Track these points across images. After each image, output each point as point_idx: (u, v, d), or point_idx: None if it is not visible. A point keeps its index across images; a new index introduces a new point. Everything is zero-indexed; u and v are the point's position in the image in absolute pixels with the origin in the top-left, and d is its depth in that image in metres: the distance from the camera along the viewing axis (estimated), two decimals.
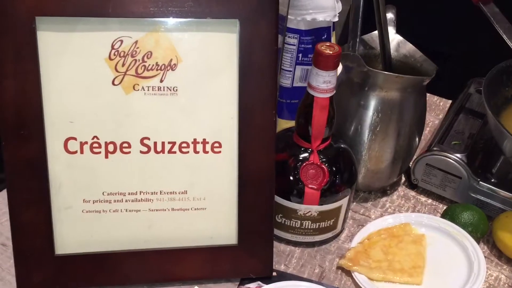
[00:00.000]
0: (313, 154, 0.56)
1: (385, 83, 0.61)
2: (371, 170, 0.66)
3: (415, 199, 0.69)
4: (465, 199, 0.66)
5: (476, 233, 0.61)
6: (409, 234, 0.61)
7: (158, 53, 0.50)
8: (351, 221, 0.65)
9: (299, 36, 0.69)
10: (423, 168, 0.68)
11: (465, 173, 0.65)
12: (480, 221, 0.61)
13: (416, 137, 0.67)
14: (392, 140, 0.64)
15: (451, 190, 0.67)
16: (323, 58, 0.52)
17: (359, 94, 0.62)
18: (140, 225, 0.53)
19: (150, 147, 0.51)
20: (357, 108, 0.63)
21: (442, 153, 0.66)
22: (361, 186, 0.68)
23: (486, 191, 0.65)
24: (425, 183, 0.69)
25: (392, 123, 0.63)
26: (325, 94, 0.53)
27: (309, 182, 0.56)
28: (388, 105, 0.62)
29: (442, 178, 0.67)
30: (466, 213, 0.61)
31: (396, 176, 0.69)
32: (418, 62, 0.65)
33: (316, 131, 0.55)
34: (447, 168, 0.66)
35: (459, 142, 0.68)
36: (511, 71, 0.72)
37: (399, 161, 0.67)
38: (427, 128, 0.81)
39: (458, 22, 1.07)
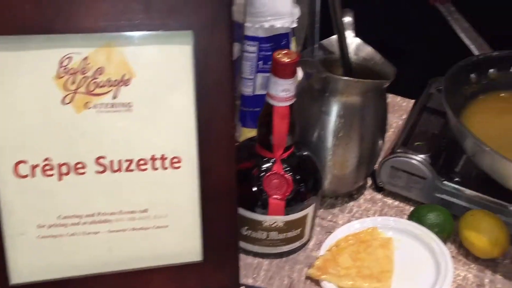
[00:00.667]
0: (276, 164, 0.56)
1: (345, 88, 0.60)
2: (336, 175, 0.66)
3: (382, 202, 0.69)
4: (431, 199, 0.67)
5: (442, 233, 0.61)
6: (377, 238, 0.61)
7: (110, 68, 0.48)
8: (319, 228, 0.64)
9: (258, 44, 0.68)
10: (388, 171, 0.68)
11: (429, 174, 0.65)
12: (446, 221, 0.61)
13: (379, 140, 0.67)
14: (356, 144, 0.64)
15: (416, 191, 0.67)
16: (281, 66, 0.51)
17: (320, 100, 0.62)
18: (100, 247, 0.50)
19: (106, 166, 0.49)
20: (319, 114, 0.62)
21: (405, 155, 0.66)
22: (327, 192, 0.68)
23: (450, 191, 0.65)
24: (391, 186, 0.69)
25: (354, 127, 0.63)
26: (285, 102, 0.53)
27: (273, 193, 0.55)
28: (350, 109, 0.62)
29: (407, 180, 0.67)
30: (432, 214, 0.62)
31: (362, 180, 0.69)
32: (378, 64, 0.65)
33: (277, 141, 0.54)
34: (411, 169, 0.66)
35: (422, 142, 0.68)
36: (469, 69, 0.73)
37: (364, 165, 0.67)
38: (391, 130, 0.81)
39: (420, 20, 1.08)
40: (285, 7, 0.67)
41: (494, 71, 0.75)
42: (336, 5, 0.62)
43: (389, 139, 0.74)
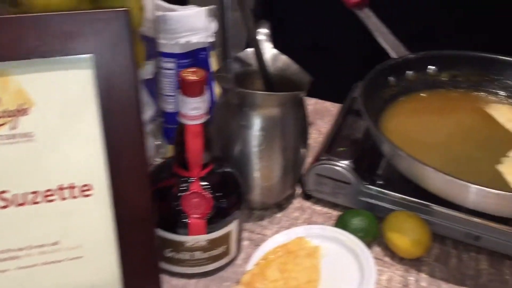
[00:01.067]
0: (194, 183, 0.55)
1: (263, 102, 0.60)
2: (263, 187, 0.66)
3: (310, 209, 0.70)
4: (357, 203, 0.68)
5: (367, 237, 0.62)
6: (304, 247, 0.61)
7: (6, 98, 0.46)
8: (248, 242, 0.64)
9: (176, 60, 0.68)
10: (313, 178, 0.68)
11: (352, 179, 0.66)
12: (370, 225, 0.62)
13: (302, 148, 0.67)
14: (279, 155, 0.64)
15: (342, 197, 0.68)
16: (188, 84, 0.50)
17: (239, 114, 0.61)
18: (10, 286, 0.48)
19: (9, 200, 0.47)
20: (239, 129, 0.62)
21: (329, 162, 0.67)
22: (256, 204, 0.68)
23: (374, 194, 0.66)
24: (318, 193, 0.69)
25: (276, 138, 0.63)
26: (196, 120, 0.52)
27: (193, 212, 0.54)
28: (270, 122, 0.62)
29: (332, 186, 0.68)
30: (356, 219, 0.62)
31: (289, 189, 0.69)
32: (294, 73, 0.65)
33: (193, 159, 0.54)
34: (335, 175, 0.67)
35: (345, 148, 0.69)
36: (387, 73, 0.75)
37: (290, 174, 0.67)
38: (321, 136, 0.82)
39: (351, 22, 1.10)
40: (200, 22, 0.67)
41: (412, 72, 0.77)
42: (248, 19, 0.62)
43: (317, 145, 0.75)
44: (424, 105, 0.77)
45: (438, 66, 0.78)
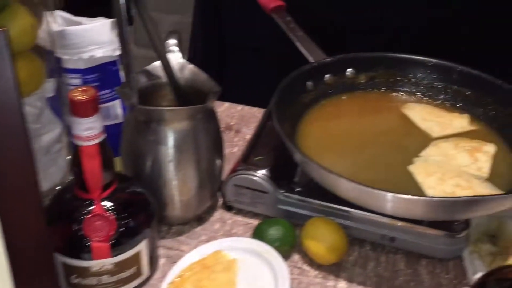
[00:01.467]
0: (95, 205, 0.53)
1: (169, 116, 0.59)
2: (179, 202, 0.64)
3: (231, 220, 0.69)
4: (277, 212, 0.67)
5: (284, 246, 0.61)
6: (221, 262, 0.60)
7: None
8: (164, 260, 0.63)
9: (81, 75, 0.65)
10: (232, 189, 0.67)
11: (269, 188, 0.66)
12: (286, 234, 0.62)
13: (217, 159, 0.66)
14: (193, 168, 0.63)
15: (261, 206, 0.67)
16: (78, 105, 0.48)
17: (147, 130, 0.60)
18: None
19: None
20: (149, 145, 0.60)
21: (246, 172, 0.66)
22: (173, 219, 0.66)
23: (292, 201, 0.66)
24: (237, 203, 0.68)
25: (188, 152, 0.62)
26: (91, 141, 0.50)
27: (95, 236, 0.52)
28: (180, 135, 0.60)
29: (251, 196, 0.67)
30: (272, 229, 0.62)
31: (208, 201, 0.68)
32: (203, 83, 0.64)
33: (92, 181, 0.52)
34: (252, 185, 0.66)
35: (262, 157, 0.68)
36: (304, 78, 0.75)
37: (207, 186, 0.66)
38: (246, 144, 0.81)
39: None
40: (105, 35, 0.64)
41: (330, 76, 0.77)
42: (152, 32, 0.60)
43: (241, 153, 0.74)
44: (344, 108, 0.77)
45: (356, 68, 0.78)
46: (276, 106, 0.65)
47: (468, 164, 0.65)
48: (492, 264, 0.63)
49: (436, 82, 0.77)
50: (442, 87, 0.77)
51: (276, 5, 0.83)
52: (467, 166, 0.64)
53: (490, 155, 0.66)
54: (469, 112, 0.74)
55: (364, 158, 0.67)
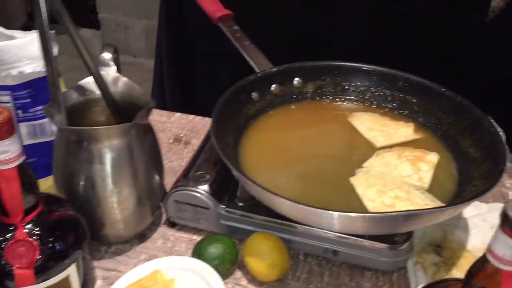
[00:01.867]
0: (17, 230, 0.50)
1: (99, 135, 0.57)
2: (116, 220, 0.62)
3: (174, 237, 0.67)
4: (219, 228, 0.66)
5: (224, 264, 0.60)
6: (158, 282, 0.58)
7: None
8: (101, 282, 0.60)
9: (11, 92, 0.63)
10: (173, 205, 0.66)
11: (210, 203, 0.64)
12: (226, 251, 0.60)
13: (156, 174, 0.64)
14: (129, 185, 0.61)
15: (204, 222, 0.66)
16: None
17: (79, 150, 0.58)
18: None
19: None
20: (81, 164, 0.58)
21: (186, 188, 0.64)
22: (112, 239, 0.64)
23: (235, 217, 0.65)
24: (180, 219, 0.67)
25: (123, 169, 0.60)
26: (7, 165, 0.48)
27: (17, 262, 0.50)
28: (113, 153, 0.58)
29: (193, 212, 0.65)
30: (211, 247, 0.60)
31: (149, 218, 0.66)
32: (138, 97, 0.62)
33: (12, 206, 0.49)
34: (193, 201, 0.64)
35: (204, 171, 0.67)
36: (249, 89, 0.74)
37: (146, 203, 0.64)
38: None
39: None
40: (34, 50, 0.62)
41: (277, 86, 0.76)
42: (81, 46, 0.58)
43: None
44: (291, 118, 0.76)
45: (302, 77, 0.77)
46: (215, 120, 0.64)
47: (409, 174, 0.64)
48: (435, 275, 0.63)
49: (383, 90, 0.77)
50: (389, 95, 0.77)
51: (223, 14, 0.82)
52: (408, 177, 0.64)
53: (432, 164, 0.66)
54: (415, 120, 0.74)
55: (306, 171, 0.66)
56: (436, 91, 0.72)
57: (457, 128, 0.69)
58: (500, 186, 0.78)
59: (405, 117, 0.75)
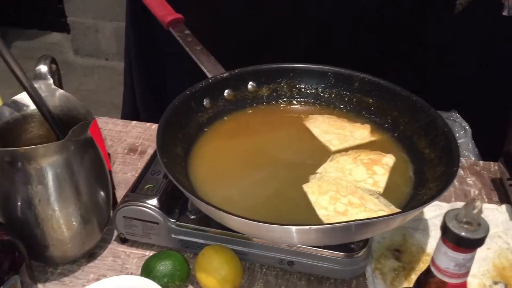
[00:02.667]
0: None
1: (34, 154, 0.54)
2: (61, 240, 0.59)
3: (125, 254, 0.64)
4: (171, 242, 0.63)
5: (174, 281, 0.58)
6: None
7: None
8: None
9: None
10: (122, 221, 0.63)
11: (160, 218, 0.61)
12: (176, 268, 0.58)
13: (101, 190, 0.61)
14: (71, 203, 0.58)
15: (155, 237, 0.63)
16: None
17: (13, 172, 0.55)
18: None
19: None
20: (16, 186, 0.55)
21: (134, 203, 0.61)
22: (58, 260, 0.61)
23: (186, 231, 0.62)
24: (130, 235, 0.64)
25: (62, 187, 0.57)
26: None
27: None
28: (51, 171, 0.55)
29: (143, 227, 0.63)
30: (160, 264, 0.58)
31: (98, 235, 0.63)
32: (77, 110, 0.59)
33: None
34: (142, 216, 0.62)
35: (152, 185, 0.64)
36: (200, 95, 0.71)
37: (93, 220, 0.61)
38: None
39: None
40: None
41: (230, 91, 0.74)
42: (11, 61, 0.55)
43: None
44: (246, 124, 0.74)
45: (257, 81, 0.75)
46: (161, 131, 0.61)
47: (364, 179, 0.62)
48: (394, 282, 0.61)
49: (340, 91, 0.75)
50: (346, 96, 0.75)
51: (173, 18, 0.79)
52: (363, 181, 0.62)
53: (388, 167, 0.64)
54: (372, 121, 0.72)
55: (260, 179, 0.64)
56: (392, 90, 0.71)
57: (413, 128, 0.68)
58: (463, 184, 0.77)
59: (363, 118, 0.73)
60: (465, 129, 1.04)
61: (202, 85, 0.71)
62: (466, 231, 0.37)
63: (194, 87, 0.70)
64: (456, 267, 0.38)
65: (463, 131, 1.03)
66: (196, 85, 0.71)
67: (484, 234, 0.37)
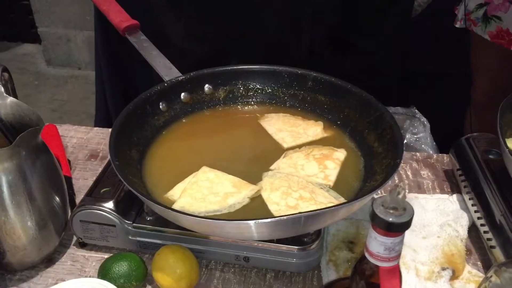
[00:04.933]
0: None
1: None
2: (17, 246, 0.60)
3: (84, 258, 0.65)
4: (129, 244, 0.64)
5: (130, 282, 0.59)
6: None
7: None
8: None
9: None
10: (79, 225, 0.64)
11: (116, 220, 0.62)
12: (131, 268, 0.59)
13: (57, 194, 0.62)
14: (26, 208, 0.59)
15: (113, 240, 0.64)
16: None
17: None
18: None
19: None
20: None
21: (89, 207, 0.62)
22: (16, 266, 0.62)
23: (143, 232, 0.63)
24: (89, 239, 0.65)
25: (15, 192, 0.57)
26: None
27: None
28: (5, 177, 0.56)
29: (100, 230, 0.64)
30: (116, 266, 0.59)
31: (55, 240, 0.64)
32: (28, 115, 0.60)
33: None
34: (98, 220, 0.63)
35: (108, 188, 0.65)
36: (156, 99, 0.72)
37: (49, 225, 0.62)
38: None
39: None
40: None
41: (186, 94, 0.75)
42: None
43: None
44: (204, 125, 0.75)
45: (213, 84, 0.77)
46: (114, 135, 0.62)
47: (316, 173, 0.64)
48: (347, 272, 0.63)
49: (294, 90, 0.77)
50: (300, 95, 0.77)
51: (129, 24, 0.80)
52: (314, 176, 0.64)
53: (339, 162, 0.66)
54: (326, 118, 0.74)
55: None
56: (343, 88, 0.73)
57: (363, 123, 0.70)
58: (416, 176, 0.80)
59: (316, 115, 0.75)
60: (424, 124, 1.07)
61: (157, 89, 0.72)
62: (392, 216, 0.39)
63: (149, 91, 0.72)
64: (386, 251, 0.40)
65: (422, 126, 1.07)
66: (152, 89, 0.72)
67: (409, 218, 0.39)
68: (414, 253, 0.64)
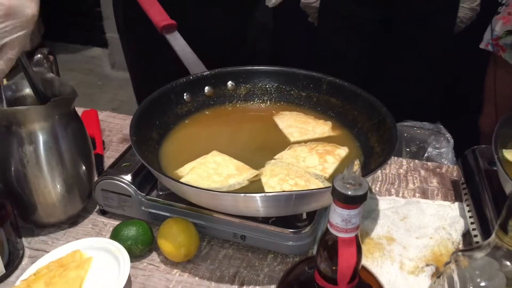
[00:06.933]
0: None
1: (26, 117, 0.63)
2: (45, 204, 0.68)
3: (103, 223, 0.73)
4: (142, 214, 0.71)
5: (137, 245, 0.66)
6: (76, 260, 0.64)
7: None
8: (28, 259, 0.67)
9: None
10: (101, 194, 0.72)
11: (132, 191, 0.70)
12: (139, 233, 0.66)
13: (84, 162, 0.71)
14: (57, 168, 0.67)
15: (128, 209, 0.72)
16: None
17: (8, 133, 0.64)
18: None
19: None
20: (10, 148, 0.65)
21: (111, 177, 0.70)
22: (43, 222, 0.70)
23: (155, 204, 0.70)
24: (108, 207, 0.73)
25: (50, 150, 0.66)
26: None
27: None
28: (40, 135, 0.65)
29: (118, 200, 0.71)
30: (127, 229, 0.66)
31: (79, 204, 0.72)
32: (65, 88, 0.69)
33: None
34: (117, 189, 0.70)
35: (129, 163, 0.73)
36: (180, 90, 0.80)
37: (74, 190, 0.70)
38: None
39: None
40: None
41: (210, 88, 0.82)
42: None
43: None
44: (223, 117, 0.82)
45: (235, 81, 0.84)
46: (137, 115, 0.70)
47: (315, 165, 0.69)
48: None
49: (309, 92, 0.82)
50: (315, 96, 0.82)
51: (167, 23, 0.89)
52: (313, 167, 0.69)
53: (339, 158, 0.70)
54: (335, 119, 0.79)
55: None
56: (354, 92, 0.78)
57: (368, 125, 0.74)
58: (423, 183, 0.82)
59: (327, 116, 0.80)
60: (447, 139, 1.08)
61: (183, 81, 0.80)
62: (349, 190, 0.43)
63: (175, 82, 0.80)
64: (343, 222, 0.45)
65: (446, 141, 1.08)
66: (178, 81, 0.80)
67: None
68: (404, 249, 0.67)
